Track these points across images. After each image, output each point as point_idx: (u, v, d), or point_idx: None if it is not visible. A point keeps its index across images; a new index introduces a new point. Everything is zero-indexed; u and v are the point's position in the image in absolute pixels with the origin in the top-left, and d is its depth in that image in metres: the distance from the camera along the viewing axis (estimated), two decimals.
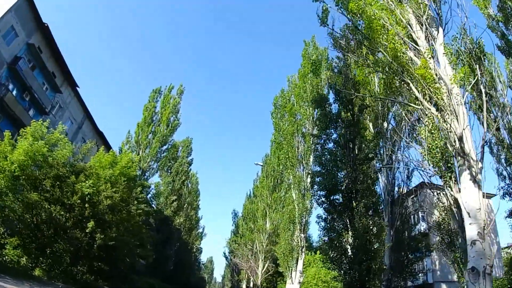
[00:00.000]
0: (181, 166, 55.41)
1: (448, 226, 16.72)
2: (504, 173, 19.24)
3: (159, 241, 51.39)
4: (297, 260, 24.09)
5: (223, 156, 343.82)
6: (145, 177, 40.87)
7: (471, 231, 9.21)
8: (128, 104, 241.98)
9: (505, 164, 19.29)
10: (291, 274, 24.55)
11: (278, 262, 27.76)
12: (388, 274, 15.17)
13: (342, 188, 14.49)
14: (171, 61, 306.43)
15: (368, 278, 12.48)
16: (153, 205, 54.85)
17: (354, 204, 13.97)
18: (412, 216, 28.93)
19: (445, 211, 17.06)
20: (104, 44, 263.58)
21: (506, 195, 18.86)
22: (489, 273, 8.55)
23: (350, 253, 13.15)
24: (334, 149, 15.79)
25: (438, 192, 18.06)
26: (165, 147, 43.09)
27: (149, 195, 53.00)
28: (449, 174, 10.22)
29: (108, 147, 37.02)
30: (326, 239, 14.05)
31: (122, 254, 23.04)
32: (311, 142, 24.77)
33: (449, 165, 10.38)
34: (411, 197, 25.50)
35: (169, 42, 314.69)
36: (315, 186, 16.99)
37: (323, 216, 14.82)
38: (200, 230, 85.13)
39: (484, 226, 9.08)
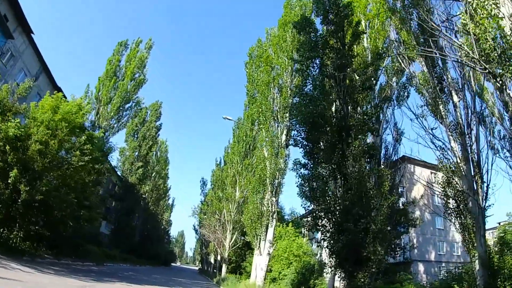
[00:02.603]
0: (148, 131, 51.30)
1: (456, 188, 13.24)
2: None
3: (123, 210, 48.24)
4: (266, 228, 20.44)
5: (194, 123, 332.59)
6: (106, 136, 35.99)
7: None
8: (91, 61, 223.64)
9: None
10: (259, 244, 20.89)
11: (246, 232, 23.98)
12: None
13: (330, 125, 10.50)
14: (140, 13, 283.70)
15: (366, 242, 8.71)
16: (117, 172, 50.86)
17: (345, 145, 10.03)
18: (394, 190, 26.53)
19: (452, 171, 13.56)
20: None
21: None
22: None
23: (340, 208, 9.27)
24: (319, 76, 11.69)
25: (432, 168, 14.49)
26: (128, 105, 38.16)
27: (114, 162, 49.13)
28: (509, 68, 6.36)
29: None
30: (307, 191, 9.98)
31: (62, 216, 18.90)
32: (288, 93, 21.00)
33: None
34: (393, 169, 23.02)
35: None
36: (294, 122, 12.85)
37: (303, 161, 10.87)
38: (170, 202, 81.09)
39: None
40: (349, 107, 11.37)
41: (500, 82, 7.01)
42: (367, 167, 10.16)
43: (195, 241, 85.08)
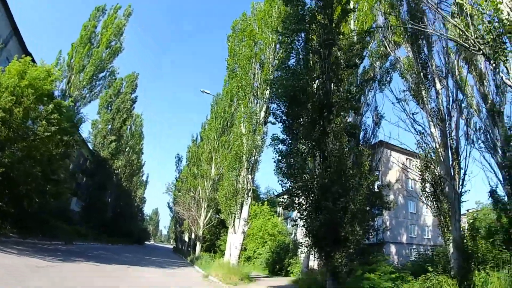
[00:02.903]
0: (123, 103, 49.23)
1: (433, 173, 13.25)
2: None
3: (94, 186, 46.60)
4: (241, 206, 20.07)
5: (172, 98, 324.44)
6: (77, 107, 34.30)
7: None
8: (67, 28, 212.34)
9: None
10: (233, 222, 20.56)
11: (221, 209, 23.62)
12: None
13: (311, 100, 10.06)
14: None
15: (344, 222, 8.45)
16: (89, 146, 49.12)
17: (326, 122, 9.65)
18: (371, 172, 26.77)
19: (430, 156, 13.57)
20: None
21: None
22: None
23: (318, 186, 8.95)
24: (304, 51, 11.15)
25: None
26: (102, 74, 36.12)
27: (85, 135, 47.41)
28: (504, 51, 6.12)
29: None
30: (285, 167, 9.58)
31: (26, 190, 18.01)
32: (270, 69, 20.49)
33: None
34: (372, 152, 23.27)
35: None
36: (274, 95, 12.28)
37: (281, 137, 10.42)
38: (144, 178, 79.66)
39: None
40: (332, 84, 10.98)
41: (494, 64, 6.73)
42: (348, 146, 9.85)
43: (170, 219, 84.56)
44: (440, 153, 13.14)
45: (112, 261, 18.79)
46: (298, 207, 9.26)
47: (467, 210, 49.18)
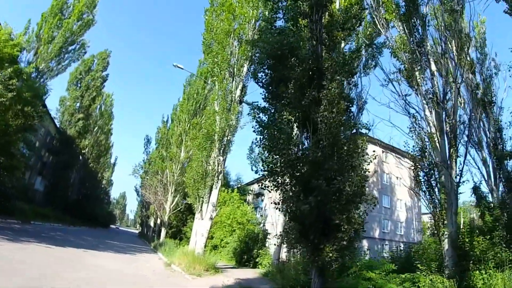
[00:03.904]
0: (93, 81, 46.67)
1: (429, 159, 11.70)
2: None
3: (59, 164, 44.16)
4: (210, 189, 18.02)
5: (144, 78, 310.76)
6: (43, 80, 31.49)
7: None
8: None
9: None
10: (201, 207, 18.53)
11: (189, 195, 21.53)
12: None
13: (301, 63, 8.17)
14: None
15: (337, 208, 6.63)
16: (56, 124, 46.13)
17: (318, 88, 7.80)
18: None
19: (424, 143, 12.08)
20: None
21: None
22: None
23: (308, 162, 7.06)
24: (293, 9, 9.19)
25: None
26: (72, 47, 33.35)
27: (53, 113, 44.55)
28: None
29: None
30: (267, 139, 7.62)
31: None
32: (249, 47, 18.51)
33: None
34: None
35: None
36: (257, 54, 10.15)
37: (263, 105, 8.50)
38: (112, 160, 76.16)
39: None
40: (324, 48, 9.16)
41: None
42: (345, 115, 8.06)
43: (137, 203, 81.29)
44: (436, 139, 11.63)
45: (68, 243, 17.07)
46: (281, 187, 7.36)
47: None
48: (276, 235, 10.27)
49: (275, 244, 19.68)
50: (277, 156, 7.33)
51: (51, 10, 32.03)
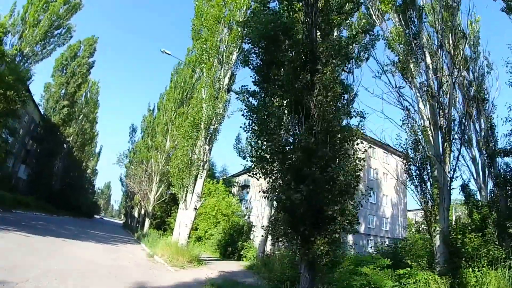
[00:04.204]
0: (79, 67, 45.57)
1: (422, 153, 11.35)
2: None
3: (43, 152, 43.32)
4: (195, 179, 17.37)
5: (131, 66, 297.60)
6: (27, 65, 30.46)
7: None
8: None
9: None
10: (185, 197, 17.88)
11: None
12: None
13: (295, 45, 7.58)
14: None
15: (329, 199, 6.11)
16: (40, 111, 44.99)
17: (312, 72, 7.25)
18: None
19: (417, 136, 11.73)
20: None
21: None
22: None
23: (300, 148, 6.48)
24: None
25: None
26: (58, 31, 32.50)
27: (37, 99, 43.57)
28: None
29: None
30: (256, 123, 7.02)
31: None
32: (239, 34, 17.91)
33: None
34: None
35: None
36: (247, 39, 9.44)
37: (253, 90, 7.90)
38: (97, 150, 74.63)
39: None
40: (318, 34, 8.60)
41: None
42: (339, 104, 7.49)
43: (122, 194, 79.91)
44: (430, 133, 11.25)
45: (48, 232, 16.48)
46: (270, 175, 6.80)
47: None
48: (263, 226, 9.77)
49: (262, 236, 19.19)
50: (267, 142, 6.78)
51: None
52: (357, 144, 7.15)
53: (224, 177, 44.26)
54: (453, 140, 11.58)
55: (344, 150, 6.76)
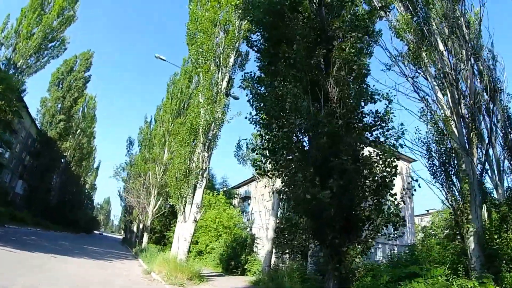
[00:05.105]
0: (75, 82, 44.90)
1: (446, 145, 9.99)
2: None
3: (40, 167, 42.37)
4: (194, 189, 15.93)
5: (128, 81, 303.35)
6: (21, 77, 29.59)
7: None
8: None
9: None
10: (184, 208, 16.41)
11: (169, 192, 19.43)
12: None
13: (306, 20, 6.31)
14: None
15: (365, 194, 4.70)
16: (37, 125, 43.93)
17: (326, 51, 5.95)
18: None
19: (439, 127, 10.42)
20: None
21: None
22: None
23: (324, 133, 5.11)
24: None
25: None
26: (52, 44, 31.54)
27: (34, 114, 42.66)
28: None
29: None
30: (265, 108, 5.69)
31: None
32: (235, 35, 16.90)
33: None
34: None
35: None
36: (250, 19, 8.07)
37: (258, 75, 6.56)
38: (95, 165, 73.02)
39: None
40: (327, 14, 7.34)
41: None
42: (363, 85, 6.16)
43: (121, 208, 77.89)
44: (453, 123, 9.90)
45: (39, 248, 15.39)
46: (286, 170, 5.33)
47: (427, 211, 48.09)
48: (268, 238, 8.33)
49: (268, 249, 17.63)
50: (280, 128, 5.38)
51: (31, 5, 30.49)
52: (388, 130, 5.72)
53: (225, 188, 42.88)
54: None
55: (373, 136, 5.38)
